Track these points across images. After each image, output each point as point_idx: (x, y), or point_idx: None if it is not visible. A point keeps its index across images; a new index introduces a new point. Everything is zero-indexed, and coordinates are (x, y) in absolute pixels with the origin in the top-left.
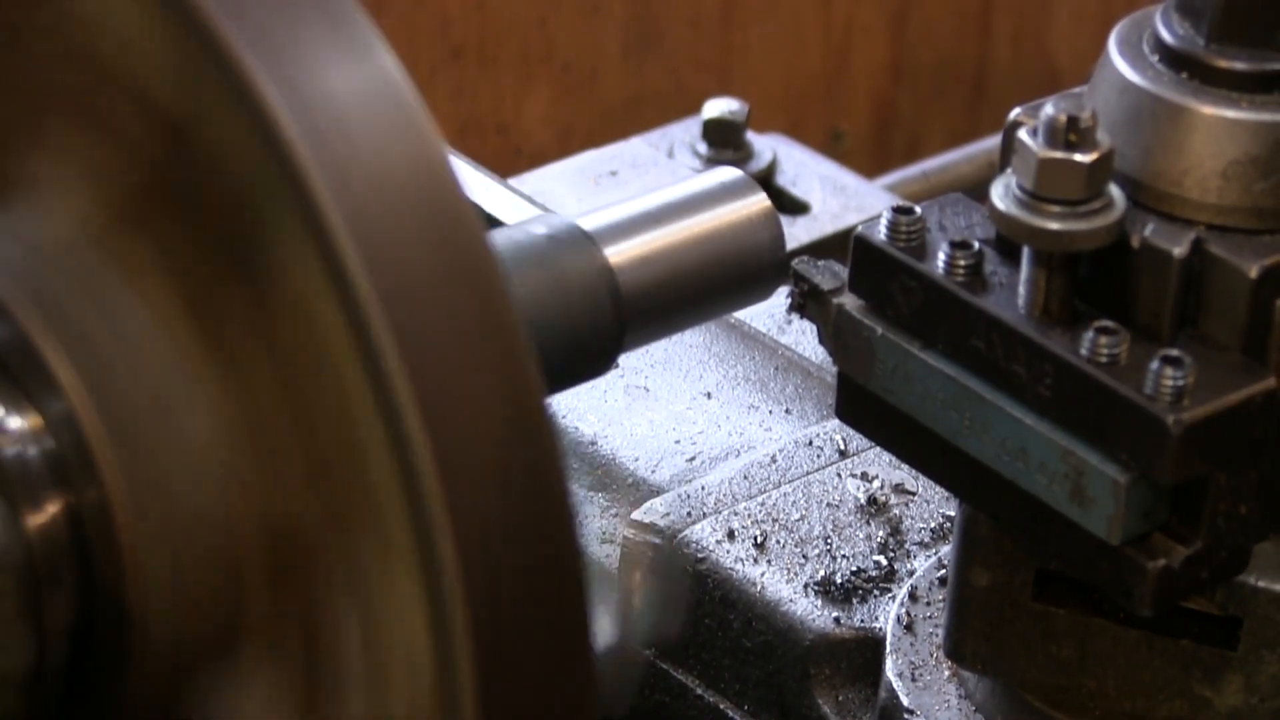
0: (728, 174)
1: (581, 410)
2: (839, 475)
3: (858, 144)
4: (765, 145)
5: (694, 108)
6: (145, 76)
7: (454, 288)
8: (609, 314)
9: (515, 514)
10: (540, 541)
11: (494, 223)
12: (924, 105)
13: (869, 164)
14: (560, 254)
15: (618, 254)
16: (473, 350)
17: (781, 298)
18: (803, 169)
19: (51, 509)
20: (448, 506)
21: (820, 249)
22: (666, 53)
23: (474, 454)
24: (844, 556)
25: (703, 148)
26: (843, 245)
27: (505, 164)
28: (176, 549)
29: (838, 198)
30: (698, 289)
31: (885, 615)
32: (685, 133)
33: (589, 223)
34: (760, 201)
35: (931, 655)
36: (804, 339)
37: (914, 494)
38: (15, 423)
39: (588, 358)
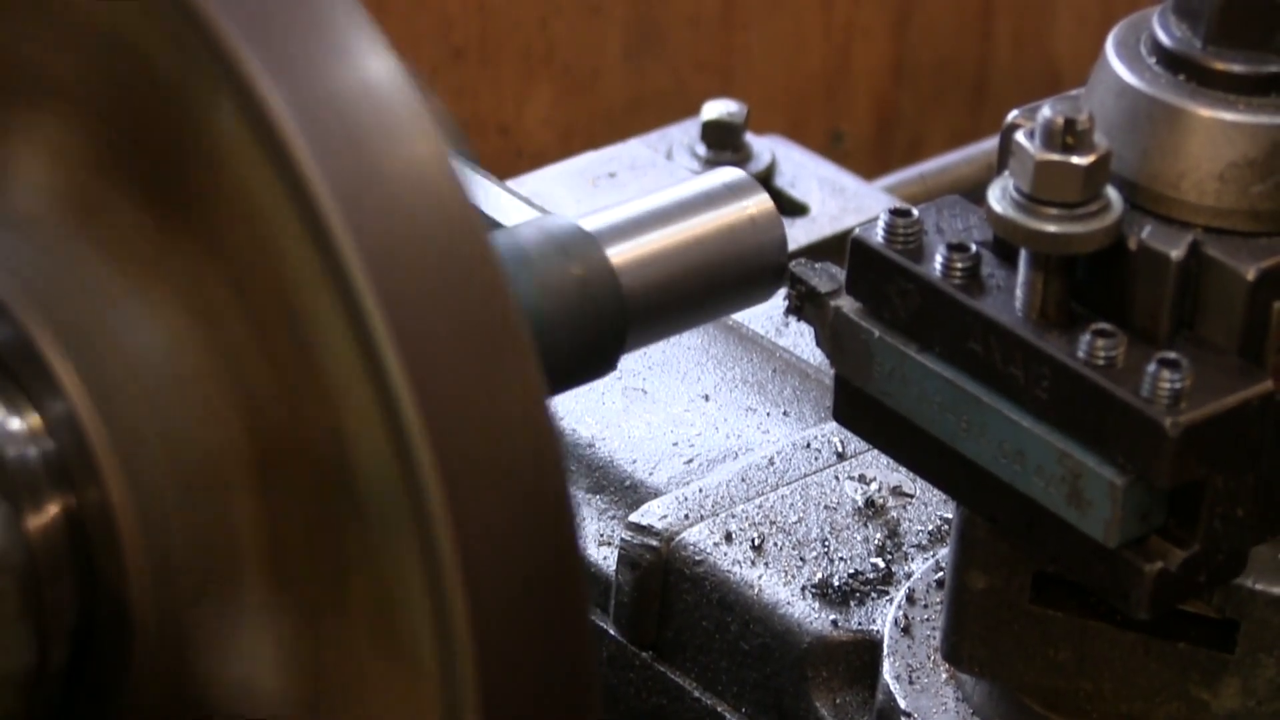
0: (730, 174)
1: (579, 412)
2: (837, 478)
3: (859, 145)
4: (764, 147)
5: (695, 108)
6: (132, 58)
7: (456, 288)
8: (611, 315)
9: (516, 513)
10: (540, 542)
11: (492, 224)
12: (925, 106)
13: (870, 165)
14: (562, 254)
15: (620, 254)
16: (474, 351)
17: (779, 299)
18: (801, 170)
19: (53, 510)
20: (449, 506)
21: (819, 251)
22: (667, 53)
23: (476, 455)
24: (841, 559)
25: (701, 149)
26: (841, 247)
27: (506, 165)
28: (178, 545)
29: (836, 199)
30: (700, 289)
31: (883, 618)
32: (684, 134)
33: (591, 223)
34: (763, 202)
35: (929, 658)
36: (802, 341)
37: (911, 496)
38: (16, 423)
39: (590, 358)
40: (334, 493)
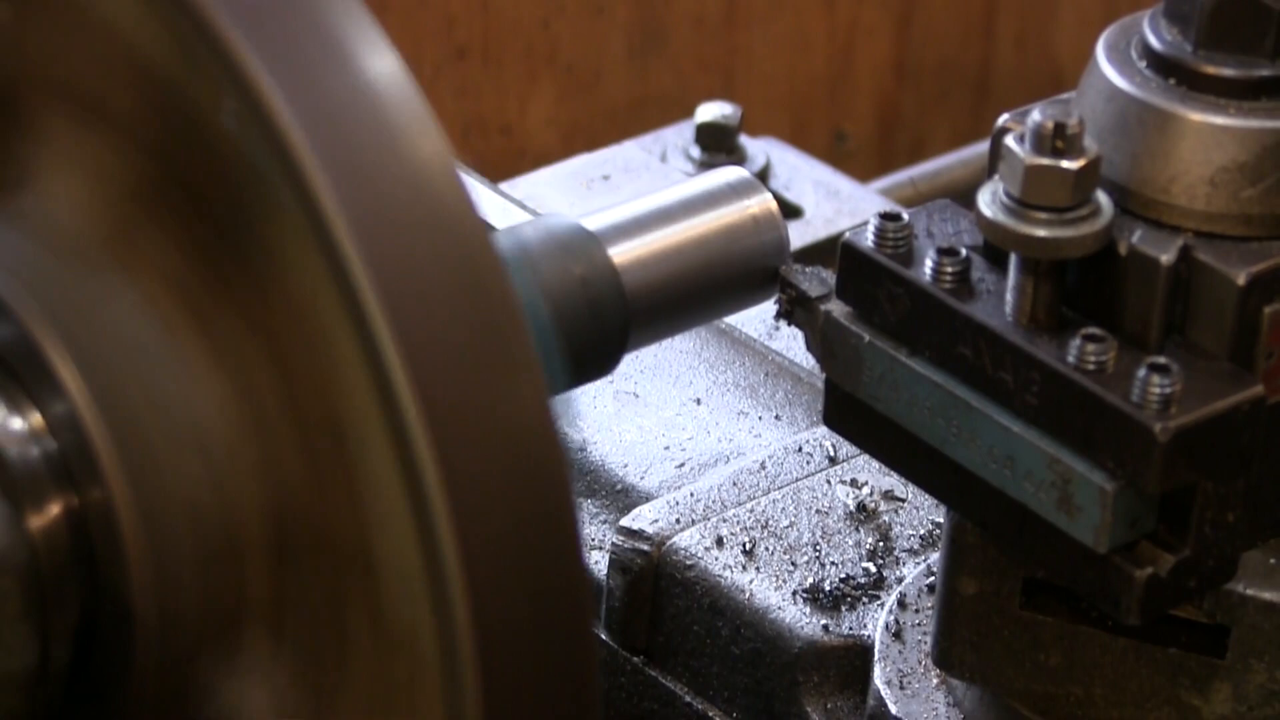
0: (732, 174)
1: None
2: (828, 482)
3: (861, 145)
4: (758, 149)
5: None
6: (149, 70)
7: (457, 289)
8: (613, 314)
9: (518, 512)
10: (543, 543)
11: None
12: (928, 106)
13: (872, 165)
14: (564, 254)
15: (622, 254)
16: (476, 351)
17: (772, 303)
18: (796, 173)
19: (55, 510)
20: (452, 508)
21: (813, 253)
22: (670, 54)
23: (478, 455)
24: (833, 563)
25: (696, 151)
26: (836, 250)
27: (509, 165)
28: (180, 548)
29: (831, 202)
30: (701, 289)
31: (874, 623)
32: (678, 136)
33: (593, 223)
34: (765, 202)
35: (920, 663)
36: (794, 345)
37: (903, 501)
38: (19, 423)
39: (591, 358)
40: (347, 565)
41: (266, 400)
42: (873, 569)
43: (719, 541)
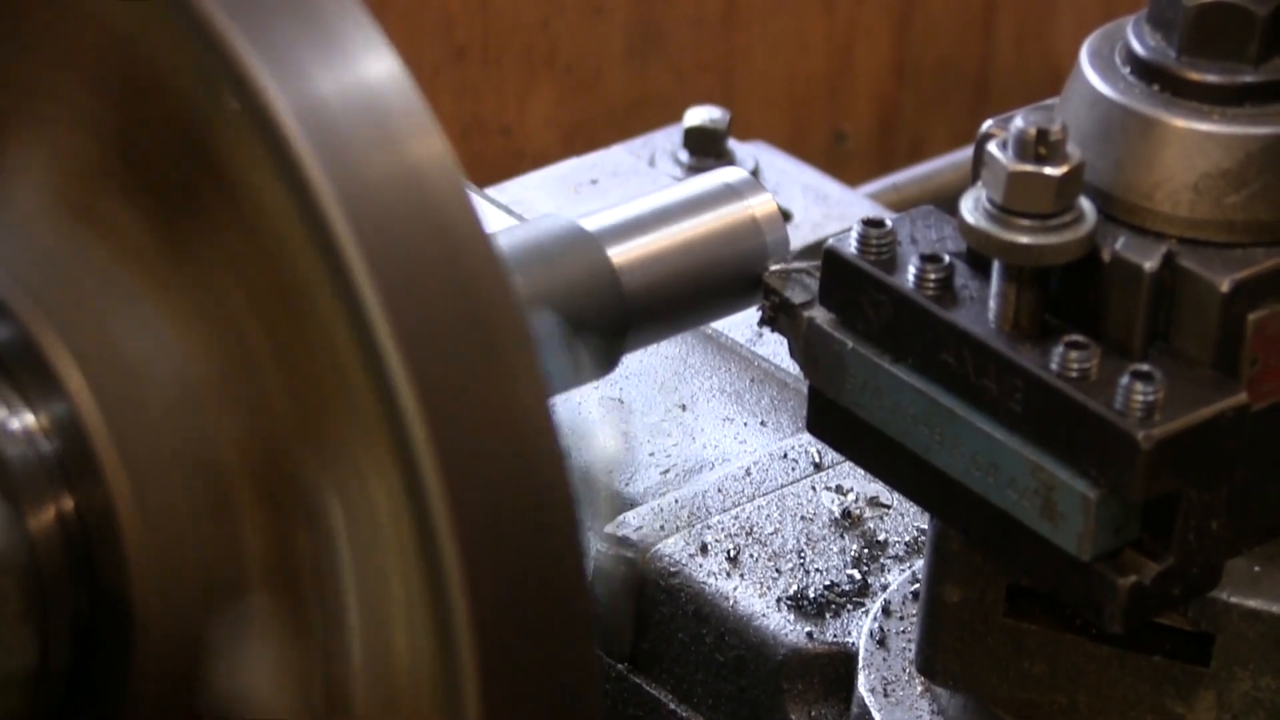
0: (732, 174)
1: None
2: (813, 488)
3: (861, 145)
4: (747, 153)
5: None
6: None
7: (457, 288)
8: (612, 314)
9: (518, 510)
10: (541, 539)
11: None
12: (927, 106)
13: (872, 165)
14: (564, 254)
15: (621, 254)
16: (476, 351)
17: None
18: (785, 177)
19: (55, 510)
20: (454, 519)
21: (802, 257)
22: (670, 54)
23: (478, 455)
24: (817, 570)
25: (684, 156)
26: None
27: (508, 166)
28: (179, 548)
29: (820, 206)
30: (701, 289)
31: (858, 630)
32: (667, 141)
33: (593, 223)
34: (765, 202)
35: (904, 670)
36: (780, 350)
37: (888, 507)
38: (19, 423)
39: (591, 358)
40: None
41: (274, 404)
42: (857, 576)
43: (703, 548)
